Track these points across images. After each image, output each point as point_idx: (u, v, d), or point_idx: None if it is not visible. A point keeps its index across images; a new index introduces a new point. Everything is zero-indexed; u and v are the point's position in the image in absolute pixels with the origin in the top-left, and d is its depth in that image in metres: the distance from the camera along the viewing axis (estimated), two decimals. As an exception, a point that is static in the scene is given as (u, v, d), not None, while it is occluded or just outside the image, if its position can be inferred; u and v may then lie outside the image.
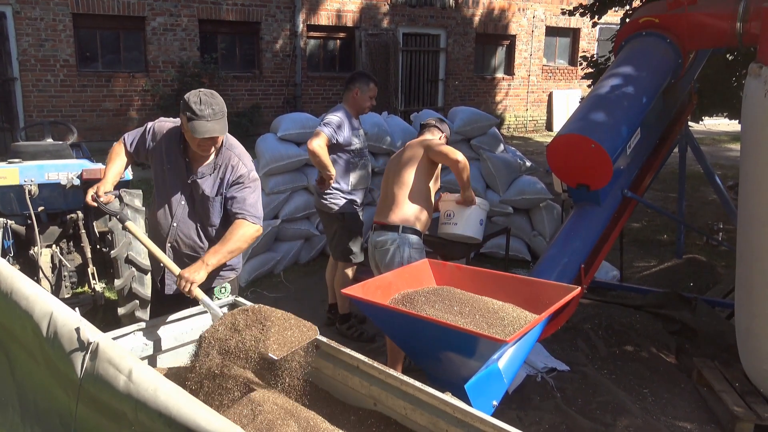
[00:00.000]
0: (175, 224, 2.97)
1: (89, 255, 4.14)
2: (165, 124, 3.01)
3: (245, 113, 11.85)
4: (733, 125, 15.89)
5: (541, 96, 16.38)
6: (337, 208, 4.34)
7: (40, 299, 1.32)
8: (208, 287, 3.08)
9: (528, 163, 6.64)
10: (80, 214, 4.18)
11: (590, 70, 8.36)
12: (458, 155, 3.67)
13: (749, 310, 3.68)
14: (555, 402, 3.75)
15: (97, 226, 4.55)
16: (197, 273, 2.69)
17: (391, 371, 2.40)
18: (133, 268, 4.12)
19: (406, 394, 2.34)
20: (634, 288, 5.35)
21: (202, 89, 2.77)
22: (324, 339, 2.66)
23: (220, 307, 3.02)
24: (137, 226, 4.22)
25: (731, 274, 5.79)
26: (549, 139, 15.25)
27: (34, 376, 1.37)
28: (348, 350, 2.57)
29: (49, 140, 4.90)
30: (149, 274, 4.24)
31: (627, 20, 7.93)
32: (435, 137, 4.00)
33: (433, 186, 3.89)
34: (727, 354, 4.20)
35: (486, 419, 2.09)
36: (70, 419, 1.19)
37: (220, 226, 2.99)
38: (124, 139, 3.05)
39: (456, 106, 14.30)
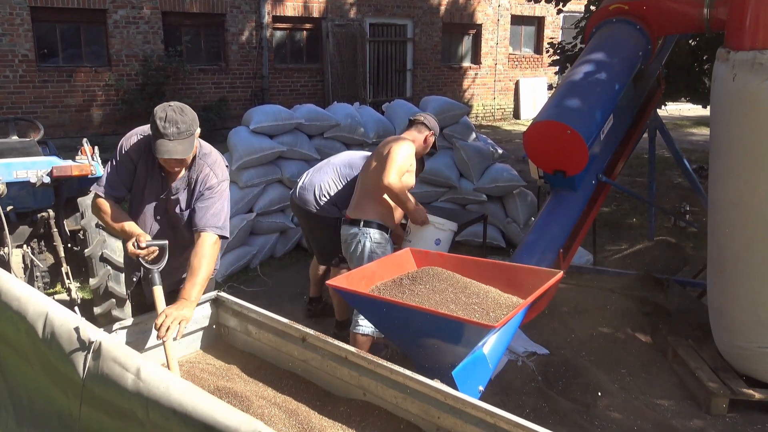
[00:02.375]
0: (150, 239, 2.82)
1: (62, 254, 4.04)
2: (131, 138, 2.76)
3: (212, 107, 11.68)
4: (695, 110, 16.24)
5: (508, 84, 16.51)
6: (333, 217, 4.21)
7: (34, 300, 1.28)
8: (178, 287, 3.01)
9: (500, 151, 6.70)
10: (51, 213, 4.08)
11: (556, 57, 8.45)
12: (390, 178, 3.51)
13: (721, 290, 3.79)
14: (537, 385, 3.81)
15: (68, 225, 4.44)
16: (185, 312, 2.51)
17: (381, 361, 2.41)
18: (109, 267, 4.04)
19: (397, 383, 2.35)
20: (608, 271, 5.45)
21: (173, 102, 2.59)
22: (311, 331, 2.65)
23: (201, 303, 2.98)
24: None
25: (700, 254, 5.96)
26: (517, 128, 15.47)
27: (27, 378, 1.33)
28: (335, 341, 2.56)
29: (14, 137, 4.77)
30: (125, 272, 4.17)
31: (592, 8, 8.04)
32: (420, 135, 3.85)
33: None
34: (700, 332, 4.31)
35: (477, 404, 2.11)
36: (71, 420, 1.16)
37: (189, 241, 2.83)
38: (98, 192, 2.73)
39: (424, 95, 14.35)
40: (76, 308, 3.74)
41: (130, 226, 2.69)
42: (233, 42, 12.11)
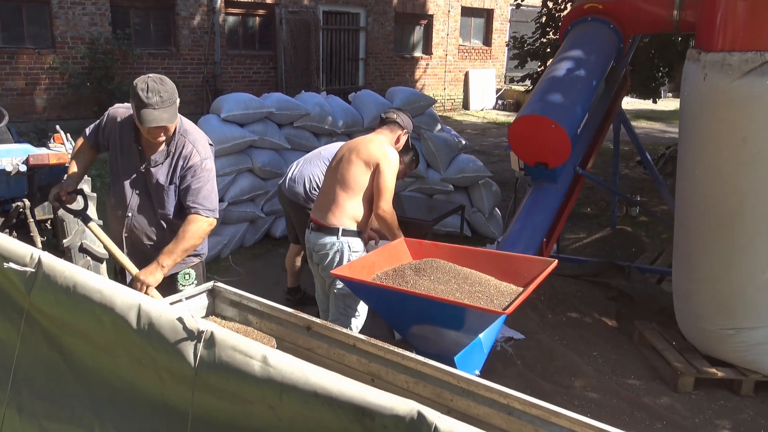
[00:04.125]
0: (129, 214, 2.89)
1: (39, 245, 3.92)
2: (119, 110, 2.92)
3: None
4: (632, 103, 16.96)
5: (458, 75, 16.76)
6: None
7: (121, 292, 1.29)
8: (173, 271, 3.02)
9: (464, 142, 6.85)
10: (27, 202, 3.94)
11: (516, 50, 8.68)
12: (385, 207, 3.37)
13: (686, 275, 4.05)
14: (517, 369, 3.97)
15: (37, 214, 4.30)
16: (152, 275, 2.69)
17: (390, 347, 2.47)
18: (88, 257, 3.95)
19: (408, 368, 2.41)
20: (571, 258, 5.70)
21: (152, 74, 2.67)
22: (316, 319, 2.68)
23: (197, 294, 2.97)
24: (89, 210, 4.05)
25: (655, 243, 6.30)
26: (467, 118, 15.75)
27: (107, 371, 1.34)
28: (342, 329, 2.61)
29: (-24, 124, 4.55)
30: (104, 262, 4.08)
31: (549, 3, 8.30)
32: (393, 135, 3.56)
33: None
34: (661, 316, 4.59)
35: (491, 386, 2.20)
36: (169, 409, 1.19)
37: (174, 216, 2.91)
38: (84, 132, 2.96)
39: (377, 84, 14.43)
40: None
41: (71, 170, 2.91)
42: (184, 26, 11.80)
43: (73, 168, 2.91)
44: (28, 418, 1.46)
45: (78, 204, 2.93)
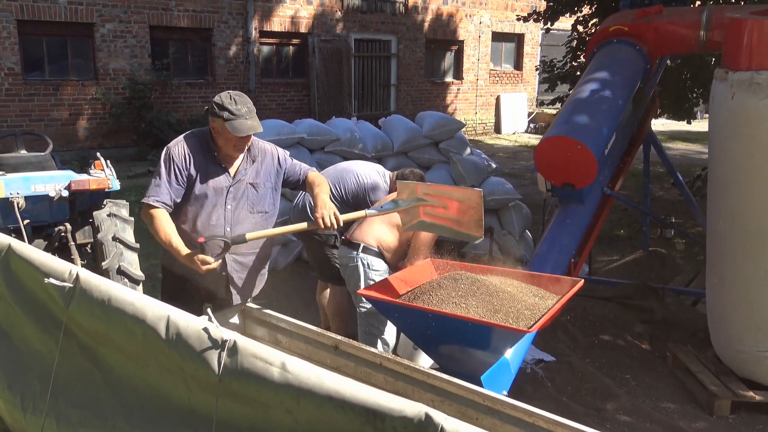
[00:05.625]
0: (228, 228, 2.89)
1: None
2: (180, 143, 2.87)
3: (200, 120, 11.68)
4: (668, 125, 16.75)
5: (489, 99, 16.82)
6: (329, 239, 4.20)
7: (151, 304, 1.37)
8: (251, 294, 3.17)
9: (494, 165, 6.88)
10: (68, 226, 4.11)
11: (546, 74, 8.71)
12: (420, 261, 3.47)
13: (720, 297, 3.98)
14: (547, 391, 3.94)
15: (78, 238, 4.47)
16: (326, 205, 2.83)
17: (416, 366, 2.50)
18: (126, 279, 4.08)
19: (433, 387, 2.43)
20: (603, 281, 5.64)
21: (230, 90, 2.84)
22: (343, 339, 2.73)
23: (231, 315, 3.05)
24: (127, 234, 4.19)
25: (690, 264, 6.20)
26: (498, 142, 15.76)
27: (138, 379, 1.41)
28: (369, 348, 2.65)
29: (23, 151, 4.78)
30: (141, 284, 4.21)
31: (579, 27, 8.33)
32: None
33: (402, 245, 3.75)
34: (696, 339, 4.51)
35: (516, 405, 2.21)
36: (196, 416, 1.25)
37: (270, 214, 3.02)
38: (153, 201, 2.77)
39: (408, 110, 14.58)
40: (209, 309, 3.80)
41: (176, 239, 2.74)
42: (220, 56, 12.17)
43: (172, 238, 2.72)
44: (66, 425, 1.54)
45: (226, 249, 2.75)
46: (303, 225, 2.92)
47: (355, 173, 4.30)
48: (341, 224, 2.81)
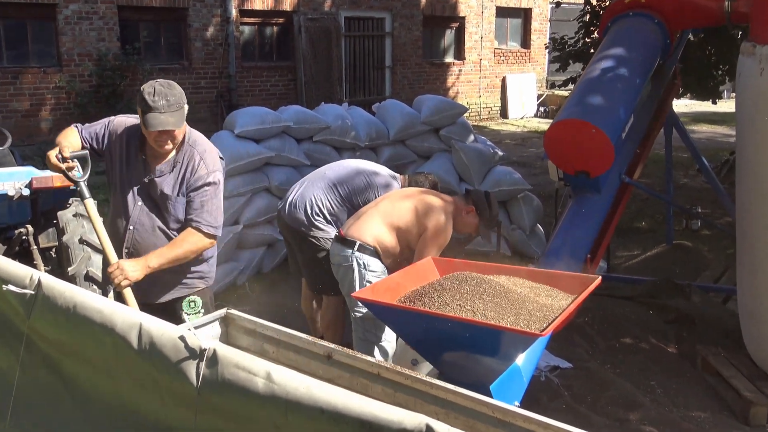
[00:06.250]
0: (131, 227, 2.99)
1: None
2: (126, 119, 3.05)
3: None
4: (691, 105, 16.78)
5: (494, 81, 16.82)
6: (327, 244, 4.10)
7: (121, 311, 1.36)
8: (171, 297, 3.10)
9: (500, 153, 6.88)
10: (30, 228, 4.09)
11: (557, 53, 8.71)
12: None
13: (753, 293, 3.98)
14: (564, 401, 3.94)
15: (41, 241, 4.45)
16: (134, 270, 2.76)
17: (419, 375, 2.50)
18: (95, 285, 4.07)
19: (437, 398, 2.43)
20: (623, 278, 5.65)
21: (159, 80, 2.84)
22: (337, 347, 2.73)
23: (208, 323, 3.04)
24: (95, 236, 4.18)
25: (719, 258, 6.21)
26: (505, 127, 15.77)
27: (108, 394, 1.40)
28: (366, 357, 2.65)
29: (-21, 147, 4.76)
30: (112, 291, 4.20)
31: (593, 1, 8.33)
32: (462, 208, 3.79)
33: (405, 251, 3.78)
34: (728, 339, 4.51)
35: (529, 416, 2.20)
36: (172, 433, 1.24)
37: (181, 229, 3.00)
38: (77, 127, 3.04)
39: (405, 94, 14.57)
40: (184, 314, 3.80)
41: (64, 137, 2.91)
42: (197, 38, 12.14)
43: (66, 138, 2.92)
44: (29, 447, 1.53)
45: (85, 171, 2.94)
46: (109, 250, 2.86)
47: (366, 173, 4.30)
48: (119, 290, 2.80)
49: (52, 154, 2.79)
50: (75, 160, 2.84)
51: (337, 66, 13.50)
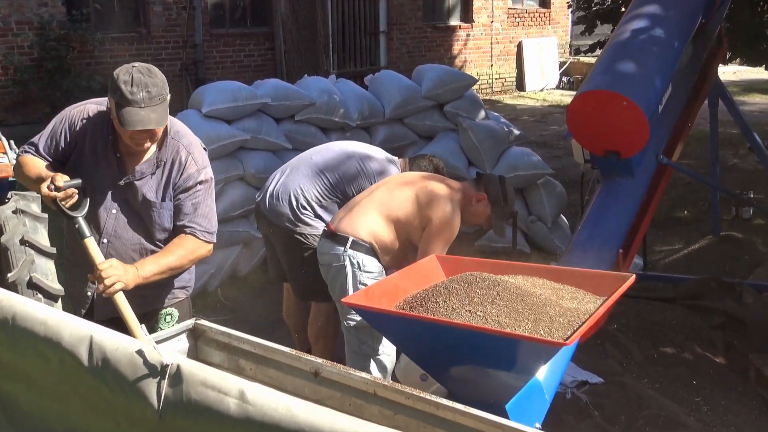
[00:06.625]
0: (105, 241, 2.93)
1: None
2: (86, 108, 2.93)
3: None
4: (740, 73, 16.80)
5: (509, 47, 16.81)
6: (315, 241, 4.08)
7: (69, 323, 1.36)
8: (152, 308, 3.09)
9: (516, 131, 6.89)
10: None
11: (582, 13, 8.71)
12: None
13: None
14: (594, 421, 3.97)
15: None
16: (126, 274, 2.68)
17: (422, 394, 2.51)
18: (39, 294, 4.08)
19: (444, 420, 2.44)
20: (662, 276, 5.67)
21: (137, 63, 2.71)
22: (325, 362, 2.74)
23: (173, 336, 3.05)
24: (39, 236, 4.19)
25: (774, 252, 6.23)
26: (522, 101, 15.77)
27: (55, 419, 1.41)
28: (360, 373, 2.66)
29: None
30: (59, 300, 4.21)
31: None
32: (472, 195, 3.80)
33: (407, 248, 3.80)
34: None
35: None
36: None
37: (158, 242, 2.98)
38: (33, 144, 2.91)
39: (402, 63, 14.55)
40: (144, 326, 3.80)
41: (45, 170, 2.80)
42: (156, 2, 12.12)
43: (41, 171, 2.80)
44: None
45: (83, 206, 2.79)
46: (95, 254, 2.75)
47: (358, 157, 4.31)
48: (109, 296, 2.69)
49: (44, 186, 2.67)
50: (72, 184, 2.73)
51: (322, 32, 13.46)
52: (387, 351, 3.67)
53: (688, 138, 4.90)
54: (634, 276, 2.94)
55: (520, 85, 17.04)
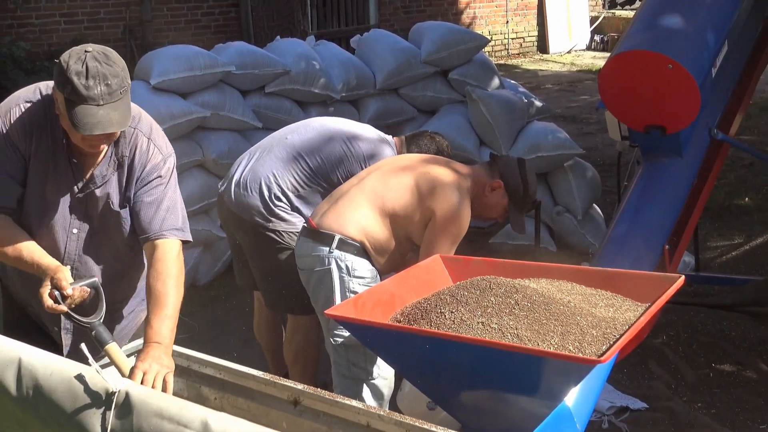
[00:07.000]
0: (69, 265, 2.86)
1: None
2: (20, 97, 2.82)
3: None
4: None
5: (528, 1, 16.79)
6: (293, 240, 4.09)
7: (-7, 342, 1.37)
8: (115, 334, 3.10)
9: (538, 103, 6.90)
10: None
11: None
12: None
13: None
14: (636, 456, 4.00)
15: None
16: (160, 360, 2.50)
17: (426, 425, 2.53)
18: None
19: (454, 457, 2.47)
20: (719, 278, 5.67)
21: (89, 46, 2.59)
22: (306, 388, 2.75)
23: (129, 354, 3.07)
24: None
25: None
26: (545, 66, 15.78)
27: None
28: (350, 401, 2.67)
29: None
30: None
31: None
32: (485, 183, 3.82)
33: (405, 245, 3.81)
34: None
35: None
36: None
37: (135, 252, 3.00)
38: None
39: (396, 22, 14.55)
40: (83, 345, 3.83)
41: (38, 255, 2.72)
42: (92, -52, 12.10)
43: (35, 251, 2.74)
44: None
45: (99, 309, 2.65)
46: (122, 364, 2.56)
47: (344, 136, 4.31)
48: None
49: (45, 293, 2.55)
50: (85, 285, 2.65)
51: (298, -17, 13.47)
52: (383, 374, 3.68)
53: (748, 108, 4.90)
54: (683, 278, 2.95)
55: (542, 46, 17.05)
